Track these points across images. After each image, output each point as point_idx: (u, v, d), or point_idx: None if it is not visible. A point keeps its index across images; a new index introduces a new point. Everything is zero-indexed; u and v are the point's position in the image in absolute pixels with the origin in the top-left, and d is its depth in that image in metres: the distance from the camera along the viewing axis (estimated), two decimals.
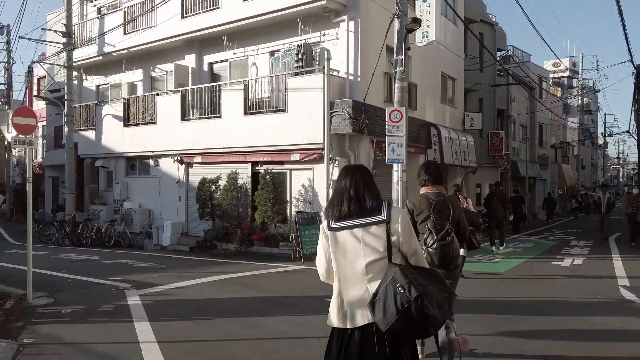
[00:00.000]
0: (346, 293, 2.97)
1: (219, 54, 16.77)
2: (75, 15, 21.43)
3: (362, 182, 3.02)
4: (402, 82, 12.62)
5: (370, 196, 2.98)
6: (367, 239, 2.90)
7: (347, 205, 2.97)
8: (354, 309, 2.91)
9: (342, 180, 3.08)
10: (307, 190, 13.97)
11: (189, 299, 7.84)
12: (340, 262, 2.99)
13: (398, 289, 2.72)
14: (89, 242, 17.55)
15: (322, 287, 8.35)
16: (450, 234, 4.55)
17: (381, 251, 2.88)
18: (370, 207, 2.95)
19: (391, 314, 2.71)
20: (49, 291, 8.56)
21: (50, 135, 25.64)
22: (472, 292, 8.50)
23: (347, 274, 2.97)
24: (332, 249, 3.01)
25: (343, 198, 3.01)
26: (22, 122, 7.55)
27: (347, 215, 2.95)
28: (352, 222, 2.94)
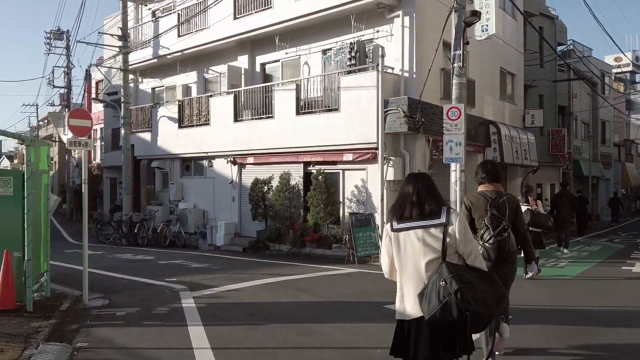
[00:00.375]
0: (407, 288, 3.28)
1: (271, 54, 16.69)
2: (131, 19, 21.93)
3: (424, 189, 3.35)
4: (461, 78, 12.15)
5: (431, 201, 3.29)
6: (427, 239, 3.22)
7: (409, 209, 3.30)
8: (412, 303, 3.22)
9: (406, 186, 3.45)
10: (360, 191, 13.66)
11: (242, 302, 7.69)
12: (402, 261, 3.30)
13: (441, 283, 3.06)
14: (145, 242, 17.85)
15: (379, 293, 8.12)
16: (507, 230, 4.71)
17: (438, 251, 3.18)
18: (430, 211, 3.26)
19: (434, 305, 3.05)
20: (104, 292, 8.61)
21: (108, 137, 26.35)
22: (540, 300, 7.99)
23: (408, 271, 3.27)
24: (395, 249, 3.32)
25: (406, 202, 3.36)
26: (77, 123, 7.60)
27: (409, 218, 3.29)
28: (414, 224, 3.26)
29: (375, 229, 12.24)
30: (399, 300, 3.34)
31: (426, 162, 13.33)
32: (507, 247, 4.70)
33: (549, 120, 23.26)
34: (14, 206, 6.84)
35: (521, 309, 6.80)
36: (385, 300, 7.40)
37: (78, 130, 7.67)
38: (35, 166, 7.07)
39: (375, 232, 12.17)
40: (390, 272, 3.43)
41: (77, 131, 7.65)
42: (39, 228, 7.40)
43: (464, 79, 12.26)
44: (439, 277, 3.09)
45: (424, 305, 3.12)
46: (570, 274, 10.66)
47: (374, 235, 12.12)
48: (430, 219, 3.25)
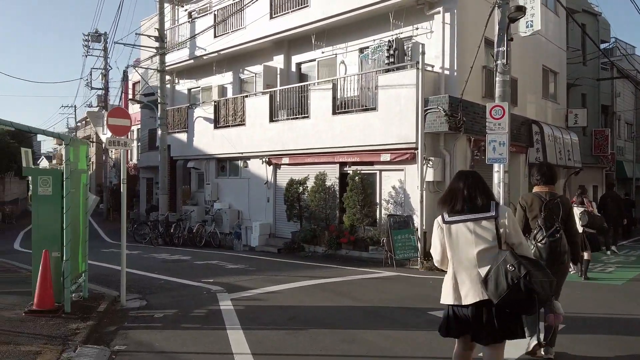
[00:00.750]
0: (460, 276, 3.57)
1: (307, 54, 16.53)
2: (167, 20, 22.07)
3: (474, 184, 3.64)
4: (504, 75, 11.72)
5: (481, 196, 3.60)
6: (478, 231, 3.53)
7: (461, 203, 3.61)
8: (467, 289, 3.52)
9: (457, 182, 3.72)
10: (398, 192, 13.34)
11: (281, 305, 7.49)
12: (454, 250, 3.60)
13: (509, 268, 3.35)
14: (181, 242, 17.90)
15: (422, 299, 7.82)
16: (559, 231, 4.85)
17: (490, 241, 3.50)
18: (481, 205, 3.58)
19: (502, 288, 3.33)
20: (141, 293, 8.54)
21: (145, 138, 26.63)
22: (589, 307, 7.55)
23: (461, 260, 3.57)
24: (447, 239, 3.62)
25: (457, 197, 3.64)
26: (116, 123, 7.53)
27: (460, 211, 3.60)
28: (465, 216, 3.57)
29: (414, 231, 11.91)
30: (451, 288, 3.61)
31: (467, 163, 12.92)
32: (559, 247, 4.84)
33: (592, 120, 22.44)
34: (52, 206, 6.80)
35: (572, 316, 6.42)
36: (430, 306, 7.11)
37: (117, 129, 7.60)
38: (74, 165, 7.02)
39: (414, 235, 11.83)
40: (442, 260, 3.74)
41: (116, 130, 7.58)
42: (78, 228, 7.35)
43: (508, 77, 11.81)
44: (505, 263, 3.38)
45: (491, 289, 3.40)
46: (620, 280, 10.13)
47: (413, 238, 11.79)
48: (481, 212, 3.57)
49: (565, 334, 5.70)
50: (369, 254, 13.22)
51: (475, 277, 3.50)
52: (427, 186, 12.36)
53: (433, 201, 12.53)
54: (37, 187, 6.80)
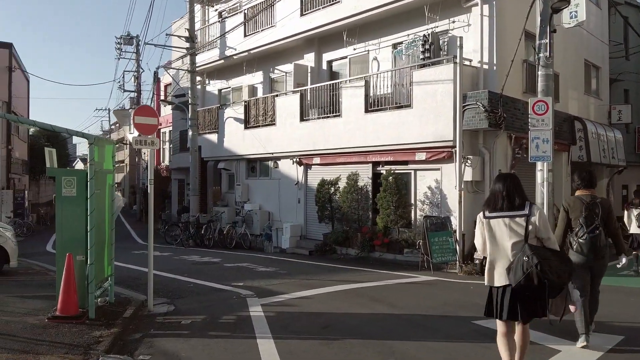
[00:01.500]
0: (496, 262, 4.27)
1: (338, 51, 16.12)
2: (198, 20, 21.98)
3: (512, 187, 4.26)
4: (547, 69, 11.12)
5: (517, 196, 4.21)
6: (513, 226, 4.17)
7: (500, 202, 4.25)
8: (499, 274, 4.21)
9: (497, 184, 4.39)
10: (434, 193, 12.81)
11: (313, 312, 7.09)
12: (492, 241, 4.27)
13: (524, 258, 3.98)
14: (211, 244, 17.71)
15: (464, 306, 7.30)
16: (599, 229, 5.36)
17: (522, 235, 4.13)
18: (517, 204, 4.20)
19: (519, 275, 3.98)
20: (169, 297, 8.28)
21: (176, 139, 26.64)
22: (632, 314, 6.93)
23: (497, 249, 4.24)
24: (487, 232, 4.28)
25: (497, 197, 4.29)
26: (143, 121, 7.27)
27: (500, 209, 4.24)
28: (503, 213, 4.22)
29: (451, 233, 11.36)
30: (488, 271, 4.35)
31: (508, 161, 12.31)
32: (599, 242, 5.37)
33: (636, 117, 21.37)
34: (77, 207, 6.56)
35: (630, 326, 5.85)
36: (473, 314, 6.61)
37: (144, 128, 7.33)
38: (100, 165, 6.77)
39: (452, 237, 11.29)
40: (483, 249, 4.42)
41: (143, 129, 7.32)
42: (103, 230, 7.11)
43: (551, 70, 11.19)
44: (523, 254, 4.03)
45: (511, 276, 4.08)
46: None
47: (451, 241, 11.25)
48: (516, 211, 4.21)
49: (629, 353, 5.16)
50: (403, 256, 12.73)
51: (506, 264, 4.18)
52: (466, 186, 11.79)
53: (472, 202, 11.98)
54: (62, 188, 6.56)
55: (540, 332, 5.62)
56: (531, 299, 4.11)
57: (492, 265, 4.30)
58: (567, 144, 14.85)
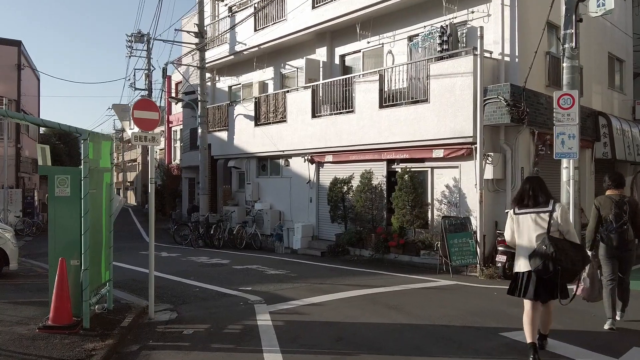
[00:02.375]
0: (522, 252, 5.02)
1: (351, 45, 15.56)
2: (208, 16, 21.52)
3: (537, 187, 5.07)
4: (573, 60, 10.52)
5: (542, 195, 5.00)
6: (538, 220, 4.95)
7: (527, 200, 5.06)
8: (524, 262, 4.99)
9: (525, 184, 5.20)
10: (452, 192, 12.21)
11: (325, 321, 6.55)
12: (519, 234, 5.06)
13: (543, 248, 4.80)
14: (221, 244, 17.25)
15: (490, 315, 6.73)
16: (627, 224, 6.09)
17: (545, 228, 4.90)
18: (541, 202, 4.99)
19: (538, 263, 4.80)
20: (173, 302, 7.81)
21: (186, 137, 26.26)
22: None
23: (523, 241, 5.02)
24: (515, 226, 5.09)
25: (524, 195, 5.09)
26: (143, 116, 6.78)
27: (527, 206, 5.04)
28: (530, 210, 5.01)
29: (471, 234, 10.76)
30: (516, 259, 5.12)
31: (530, 159, 11.68)
32: (626, 236, 6.11)
33: None
34: (71, 208, 6.08)
35: None
36: (501, 325, 6.06)
37: (144, 123, 6.85)
38: (95, 163, 6.30)
39: (472, 239, 10.69)
40: (512, 240, 5.16)
41: (142, 124, 6.83)
42: (100, 232, 6.64)
43: (577, 62, 10.58)
44: (542, 244, 4.77)
45: (532, 263, 4.81)
46: None
47: (471, 243, 10.65)
48: (541, 207, 4.94)
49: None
50: (420, 258, 12.16)
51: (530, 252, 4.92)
52: (486, 185, 11.19)
53: (493, 201, 11.39)
54: (54, 188, 6.09)
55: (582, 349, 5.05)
56: (549, 282, 4.88)
57: (519, 255, 5.09)
58: (590, 140, 14.16)
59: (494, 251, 10.92)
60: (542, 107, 11.65)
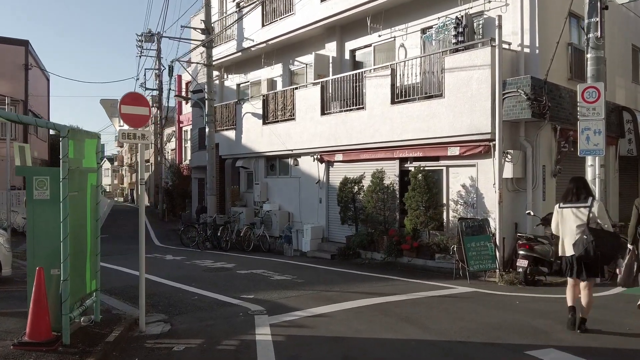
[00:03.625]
0: (566, 239, 6.09)
1: (361, 39, 14.93)
2: (215, 13, 21.02)
3: (581, 185, 6.17)
4: (598, 51, 9.87)
5: (583, 193, 6.07)
6: (578, 214, 5.98)
7: (570, 197, 6.12)
8: (568, 247, 6.04)
9: (570, 183, 6.25)
10: (469, 192, 11.55)
11: (331, 336, 5.93)
12: (563, 225, 6.13)
13: (584, 237, 5.82)
14: (228, 246, 16.72)
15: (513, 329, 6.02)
16: None
17: (584, 220, 5.90)
18: (582, 198, 6.02)
19: (580, 249, 5.82)
20: (168, 312, 7.26)
21: (195, 137, 25.80)
22: None
23: (566, 231, 6.09)
24: (560, 218, 6.18)
25: (569, 193, 6.16)
26: (131, 111, 6.22)
27: (570, 201, 6.09)
28: (572, 205, 6.06)
29: (490, 237, 10.07)
30: (561, 246, 6.18)
31: (552, 156, 10.97)
32: None
33: None
34: (51, 213, 5.54)
35: None
36: (526, 342, 5.41)
37: (133, 119, 6.29)
38: (77, 163, 5.75)
39: (491, 242, 10.00)
40: (556, 230, 6.25)
41: (131, 120, 6.28)
42: (84, 239, 6.09)
43: (602, 52, 9.91)
44: (583, 234, 5.86)
45: (576, 250, 5.91)
46: None
47: (490, 246, 9.96)
48: (582, 203, 6.00)
49: None
50: (435, 262, 11.51)
51: (572, 241, 5.93)
52: (505, 184, 10.51)
53: (512, 201, 10.72)
54: (33, 190, 5.56)
55: None
56: (590, 265, 5.88)
57: (562, 242, 6.16)
58: (614, 136, 13.40)
59: (514, 255, 10.24)
60: (564, 102, 10.95)
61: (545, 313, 6.98)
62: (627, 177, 14.82)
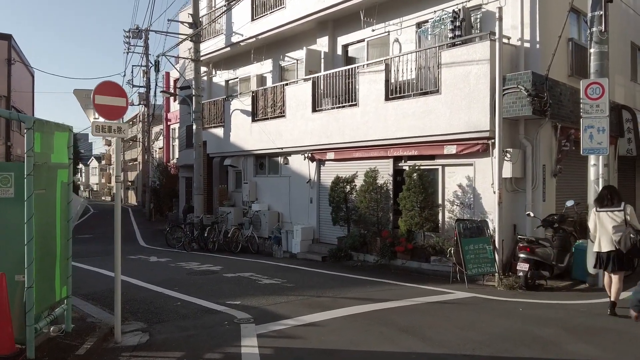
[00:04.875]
0: (602, 239, 7.12)
1: (354, 34, 14.46)
2: (203, 7, 20.47)
3: (614, 192, 7.33)
4: (602, 45, 9.47)
5: (616, 198, 7.17)
6: (613, 216, 7.03)
7: (606, 202, 7.18)
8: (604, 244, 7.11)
9: (604, 190, 7.49)
10: (466, 192, 11.13)
11: (324, 349, 5.45)
12: (600, 226, 7.16)
13: (631, 235, 6.92)
14: (216, 247, 16.18)
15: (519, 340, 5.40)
16: None
17: (619, 222, 6.98)
18: (616, 203, 7.10)
19: (628, 245, 6.90)
20: (148, 321, 6.74)
21: (183, 134, 25.22)
22: None
23: (603, 230, 7.12)
24: (598, 220, 7.20)
25: (604, 198, 7.24)
26: (106, 102, 5.70)
27: (606, 206, 7.14)
28: (607, 209, 7.12)
29: (489, 240, 9.64)
30: (598, 244, 7.21)
31: (553, 155, 10.56)
32: None
33: None
34: (16, 212, 5.01)
35: None
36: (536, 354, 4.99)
37: (108, 110, 5.76)
38: (44, 158, 5.21)
39: (489, 245, 9.57)
40: (594, 230, 7.30)
41: (106, 112, 5.75)
42: (53, 241, 5.55)
43: (606, 47, 9.50)
44: (628, 232, 6.93)
45: (621, 245, 6.91)
46: None
47: (489, 249, 9.53)
48: (615, 207, 7.10)
49: None
50: (430, 265, 11.07)
51: (609, 238, 7.05)
52: (504, 184, 10.08)
53: (511, 202, 10.30)
54: None
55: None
56: (620, 259, 6.97)
57: (599, 240, 7.16)
58: (614, 136, 12.99)
59: (513, 258, 9.83)
60: (565, 99, 10.55)
61: (551, 321, 6.55)
62: (624, 178, 14.49)
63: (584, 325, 6.36)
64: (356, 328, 6.23)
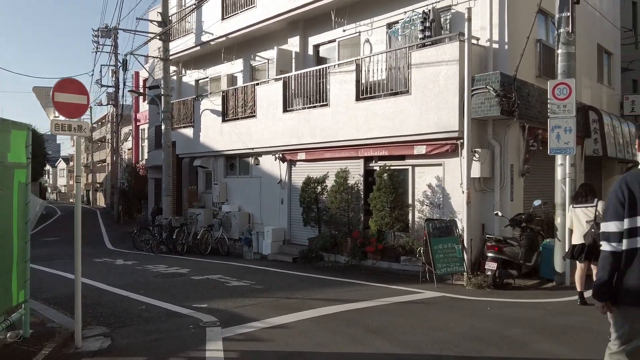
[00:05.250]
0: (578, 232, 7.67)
1: (325, 34, 14.42)
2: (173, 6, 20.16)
3: (588, 190, 7.87)
4: (569, 46, 9.60)
5: (590, 195, 7.73)
6: (587, 212, 7.58)
7: (581, 198, 7.78)
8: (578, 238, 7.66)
9: (580, 189, 8.05)
10: (435, 192, 11.17)
11: (290, 351, 5.35)
12: (576, 220, 7.73)
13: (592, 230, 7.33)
14: (184, 250, 15.91)
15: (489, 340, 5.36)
16: None
17: (592, 217, 7.46)
18: (590, 199, 7.67)
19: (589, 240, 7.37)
20: (111, 325, 6.53)
21: (152, 135, 24.79)
22: None
23: (578, 225, 7.68)
24: (574, 215, 7.79)
25: (579, 195, 7.88)
26: (66, 99, 5.51)
27: (580, 202, 7.75)
28: (582, 205, 7.71)
29: (458, 239, 9.68)
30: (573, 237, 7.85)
31: (520, 155, 10.68)
32: None
33: None
34: None
35: None
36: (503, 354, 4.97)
37: (67, 108, 5.57)
38: (1, 157, 5.00)
39: (458, 244, 9.61)
40: (570, 225, 7.96)
41: (65, 110, 5.56)
42: (9, 244, 5.32)
43: (573, 48, 9.64)
44: (591, 228, 7.37)
45: (586, 239, 7.44)
46: None
47: (458, 248, 9.56)
48: (589, 203, 7.64)
49: None
50: (400, 265, 11.08)
51: (582, 233, 7.55)
52: (473, 184, 10.14)
53: (480, 202, 10.37)
54: None
55: None
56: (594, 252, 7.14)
57: (575, 234, 7.73)
58: (580, 136, 13.23)
59: (482, 257, 9.89)
60: (533, 99, 10.68)
61: (518, 320, 6.58)
62: (591, 178, 14.75)
63: (552, 323, 6.40)
64: (324, 329, 6.15)
